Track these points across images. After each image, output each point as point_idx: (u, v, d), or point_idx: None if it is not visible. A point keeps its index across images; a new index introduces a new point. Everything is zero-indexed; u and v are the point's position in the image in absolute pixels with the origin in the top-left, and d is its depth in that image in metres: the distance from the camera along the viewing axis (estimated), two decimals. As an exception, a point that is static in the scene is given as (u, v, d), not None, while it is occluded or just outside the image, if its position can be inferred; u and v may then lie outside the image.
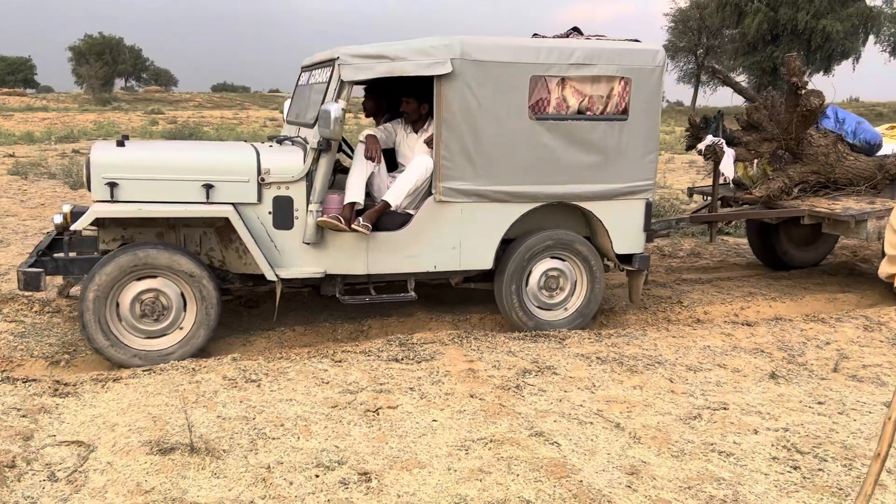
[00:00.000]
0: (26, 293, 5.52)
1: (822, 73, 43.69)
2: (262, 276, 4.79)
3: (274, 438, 3.52)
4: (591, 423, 3.79)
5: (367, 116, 5.95)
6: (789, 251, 7.64)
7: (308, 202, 4.82)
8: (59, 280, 5.30)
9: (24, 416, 3.65)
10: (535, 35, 5.47)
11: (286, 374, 4.31)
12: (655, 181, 5.55)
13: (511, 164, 5.11)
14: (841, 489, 3.21)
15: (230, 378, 4.21)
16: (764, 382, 4.46)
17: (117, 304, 4.59)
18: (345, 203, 4.88)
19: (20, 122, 27.41)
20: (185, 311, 4.72)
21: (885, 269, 2.46)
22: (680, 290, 7.00)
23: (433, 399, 4.02)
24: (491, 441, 3.54)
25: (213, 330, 4.76)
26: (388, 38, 5.83)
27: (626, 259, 5.52)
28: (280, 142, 5.47)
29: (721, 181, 6.52)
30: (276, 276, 4.79)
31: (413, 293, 5.22)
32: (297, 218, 4.87)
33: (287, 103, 6.26)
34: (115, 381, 4.18)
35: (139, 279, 4.60)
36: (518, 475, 3.23)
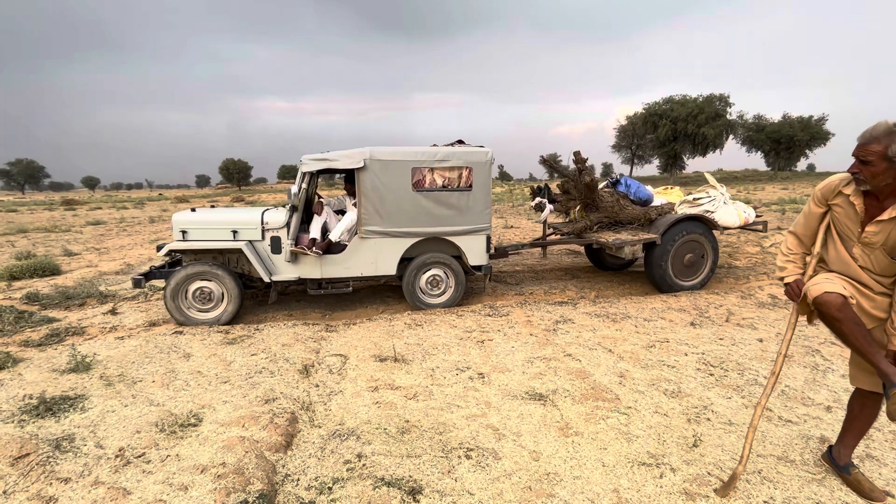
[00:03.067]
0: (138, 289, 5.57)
1: (702, 156, 41.68)
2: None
3: (433, 354, 3.66)
4: (595, 349, 3.78)
5: (346, 192, 5.56)
6: (607, 260, 7.02)
7: (288, 238, 4.71)
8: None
9: (314, 341, 3.94)
10: (433, 145, 5.08)
11: (434, 322, 4.45)
12: (490, 224, 5.13)
13: (402, 216, 4.84)
14: (739, 387, 3.14)
15: (407, 324, 4.39)
16: (687, 327, 4.33)
17: (185, 293, 4.49)
18: (309, 238, 4.82)
19: (277, 196, 29.45)
20: (222, 298, 4.55)
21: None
22: (631, 276, 6.80)
23: (510, 336, 4.07)
24: (543, 358, 3.59)
25: (237, 308, 4.56)
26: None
27: (477, 268, 5.18)
28: (281, 207, 5.28)
29: (545, 223, 6.31)
30: (271, 279, 4.70)
31: (350, 288, 4.94)
32: (283, 247, 4.70)
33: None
34: (353, 324, 4.41)
35: (197, 280, 4.50)
36: (560, 376, 3.27)
